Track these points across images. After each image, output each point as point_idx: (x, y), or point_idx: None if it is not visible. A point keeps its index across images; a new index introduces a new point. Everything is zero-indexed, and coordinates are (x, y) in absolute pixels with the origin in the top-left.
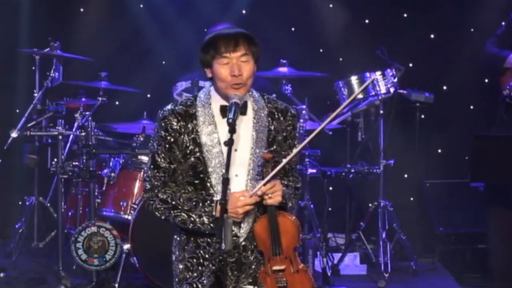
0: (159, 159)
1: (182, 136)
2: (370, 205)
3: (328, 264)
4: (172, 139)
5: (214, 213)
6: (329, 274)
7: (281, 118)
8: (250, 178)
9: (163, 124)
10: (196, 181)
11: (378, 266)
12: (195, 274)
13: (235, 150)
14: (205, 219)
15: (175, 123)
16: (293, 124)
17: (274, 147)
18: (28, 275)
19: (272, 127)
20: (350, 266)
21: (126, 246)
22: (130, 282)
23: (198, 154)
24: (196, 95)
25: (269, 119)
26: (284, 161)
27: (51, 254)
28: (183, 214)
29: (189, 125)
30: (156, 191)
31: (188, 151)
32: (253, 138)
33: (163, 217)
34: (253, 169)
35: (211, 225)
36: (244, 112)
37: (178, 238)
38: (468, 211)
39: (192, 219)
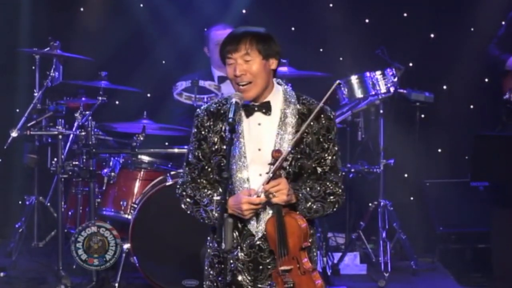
0: (190, 155)
1: (211, 134)
2: (370, 204)
3: (328, 264)
4: (201, 136)
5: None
6: (329, 273)
7: (314, 119)
8: (274, 178)
9: (195, 121)
10: (221, 179)
11: (378, 265)
12: (215, 272)
13: (259, 150)
14: (216, 215)
15: (205, 120)
16: (328, 126)
17: (301, 147)
18: (28, 275)
19: (301, 128)
20: (350, 265)
21: (126, 246)
22: (130, 282)
23: (224, 152)
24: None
25: (299, 120)
26: (280, 158)
27: (51, 254)
28: (202, 210)
29: (219, 124)
30: (185, 186)
31: (214, 149)
32: (278, 137)
33: (189, 212)
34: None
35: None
36: (267, 112)
37: (208, 236)
38: (468, 211)
39: (210, 215)
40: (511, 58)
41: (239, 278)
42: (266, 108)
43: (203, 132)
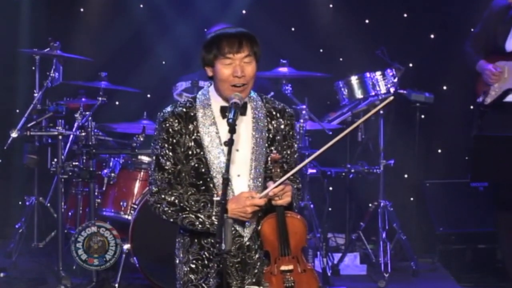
0: (163, 161)
1: (184, 137)
2: (370, 205)
3: (328, 264)
4: (174, 141)
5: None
6: (329, 274)
7: (279, 118)
8: (252, 178)
9: (164, 126)
10: (199, 182)
11: (378, 266)
12: (200, 276)
13: (237, 150)
14: (214, 219)
15: (176, 125)
16: (291, 123)
17: (274, 146)
18: (28, 275)
19: (271, 127)
20: (350, 266)
21: (126, 246)
22: (130, 282)
23: (200, 155)
24: (195, 96)
25: (268, 118)
26: (300, 165)
27: (51, 254)
28: (191, 215)
29: (189, 126)
30: (163, 193)
31: (190, 153)
32: (254, 138)
33: (171, 220)
34: (255, 168)
35: None
36: (244, 113)
37: (181, 241)
38: (468, 211)
39: (201, 220)
40: (482, 61)
41: (228, 279)
42: (243, 109)
43: (175, 137)
